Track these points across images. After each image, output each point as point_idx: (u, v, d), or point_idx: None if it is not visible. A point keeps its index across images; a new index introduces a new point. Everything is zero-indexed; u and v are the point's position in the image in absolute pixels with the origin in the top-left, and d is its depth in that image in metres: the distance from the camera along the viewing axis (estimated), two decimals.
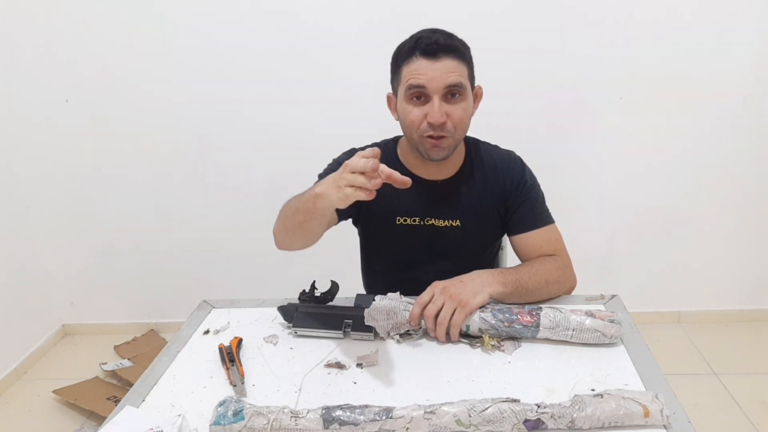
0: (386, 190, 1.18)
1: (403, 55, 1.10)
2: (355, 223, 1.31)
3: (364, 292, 1.39)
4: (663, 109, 2.12)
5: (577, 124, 2.16)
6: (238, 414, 0.80)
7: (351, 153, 1.23)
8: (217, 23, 2.08)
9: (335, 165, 1.21)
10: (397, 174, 0.87)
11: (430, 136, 1.09)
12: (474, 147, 1.25)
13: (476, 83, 1.17)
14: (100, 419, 1.98)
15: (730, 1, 1.98)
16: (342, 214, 1.21)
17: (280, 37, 2.09)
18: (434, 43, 1.06)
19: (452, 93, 1.08)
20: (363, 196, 0.86)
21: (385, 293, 1.07)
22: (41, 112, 2.23)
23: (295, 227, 1.08)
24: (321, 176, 1.22)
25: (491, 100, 2.02)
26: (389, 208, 1.22)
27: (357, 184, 0.85)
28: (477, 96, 1.18)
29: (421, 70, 1.06)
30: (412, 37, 1.11)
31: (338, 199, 0.90)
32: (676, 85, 2.09)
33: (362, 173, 0.84)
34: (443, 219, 1.22)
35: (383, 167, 0.86)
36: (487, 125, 1.41)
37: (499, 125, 1.93)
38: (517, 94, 2.11)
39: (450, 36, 1.10)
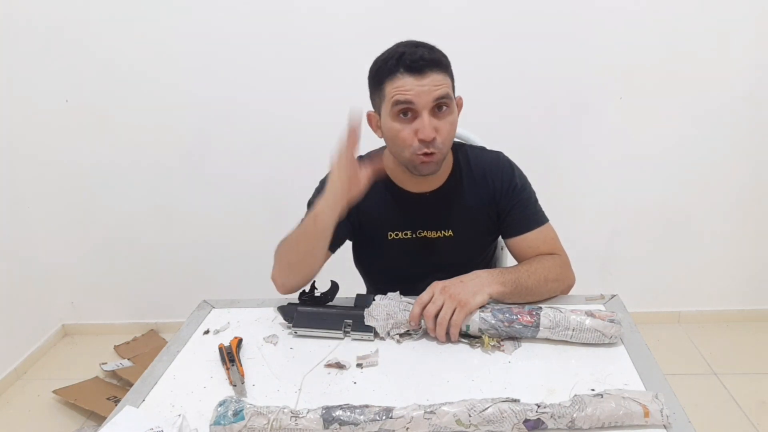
0: (375, 207, 1.19)
1: (385, 72, 1.05)
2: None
3: (364, 292, 1.39)
4: (663, 109, 2.12)
5: (577, 125, 2.16)
6: (238, 414, 0.80)
7: None
8: (216, 21, 2.08)
9: (321, 185, 1.22)
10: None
11: (424, 153, 1.07)
12: (461, 154, 1.22)
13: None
14: (100, 419, 1.98)
15: (729, 1, 1.98)
16: (337, 242, 1.19)
17: (281, 34, 2.08)
18: (420, 59, 1.02)
19: (439, 106, 1.05)
20: (348, 159, 1.00)
21: (385, 293, 1.08)
22: (41, 112, 2.23)
23: (299, 258, 1.12)
24: (310, 202, 1.23)
25: (492, 101, 2.06)
26: (380, 225, 1.21)
27: (340, 155, 1.00)
28: (458, 106, 1.15)
29: (407, 86, 1.02)
30: (391, 52, 1.07)
31: (337, 191, 1.01)
32: (676, 85, 2.08)
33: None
34: (435, 230, 1.21)
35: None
36: (487, 125, 1.41)
37: (499, 125, 1.94)
38: (518, 94, 2.11)
39: (432, 49, 1.06)
